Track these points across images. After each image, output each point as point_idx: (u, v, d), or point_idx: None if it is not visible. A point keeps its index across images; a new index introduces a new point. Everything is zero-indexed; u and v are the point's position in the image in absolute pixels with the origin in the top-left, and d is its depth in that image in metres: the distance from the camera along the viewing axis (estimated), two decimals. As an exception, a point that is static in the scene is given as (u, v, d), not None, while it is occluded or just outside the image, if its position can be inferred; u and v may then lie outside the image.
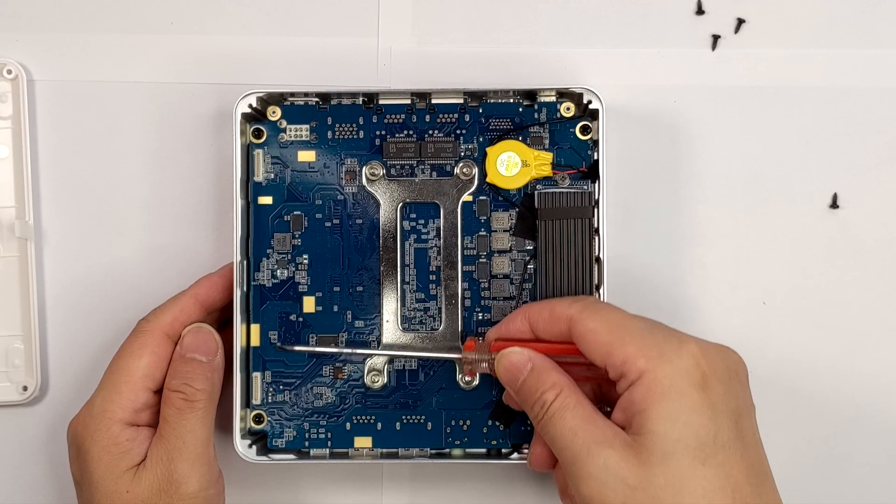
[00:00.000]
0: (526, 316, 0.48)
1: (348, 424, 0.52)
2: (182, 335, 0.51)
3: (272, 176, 0.52)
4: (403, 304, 0.52)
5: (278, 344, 0.52)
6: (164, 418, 0.49)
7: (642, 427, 0.43)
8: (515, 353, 0.47)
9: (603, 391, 0.49)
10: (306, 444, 0.52)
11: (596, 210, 0.51)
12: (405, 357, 0.52)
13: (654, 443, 0.42)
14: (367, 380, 0.52)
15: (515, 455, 0.52)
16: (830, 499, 0.55)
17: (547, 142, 0.52)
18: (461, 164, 0.52)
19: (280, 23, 0.55)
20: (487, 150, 0.52)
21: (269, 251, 0.52)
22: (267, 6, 0.56)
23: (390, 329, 0.52)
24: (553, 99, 0.52)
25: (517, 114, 0.52)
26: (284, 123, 0.53)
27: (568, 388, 0.45)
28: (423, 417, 0.52)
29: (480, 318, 0.52)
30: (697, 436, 0.42)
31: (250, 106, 0.52)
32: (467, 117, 0.52)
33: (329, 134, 0.52)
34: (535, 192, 0.52)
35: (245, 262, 0.52)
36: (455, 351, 0.50)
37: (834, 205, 0.55)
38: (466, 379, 0.52)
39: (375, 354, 0.52)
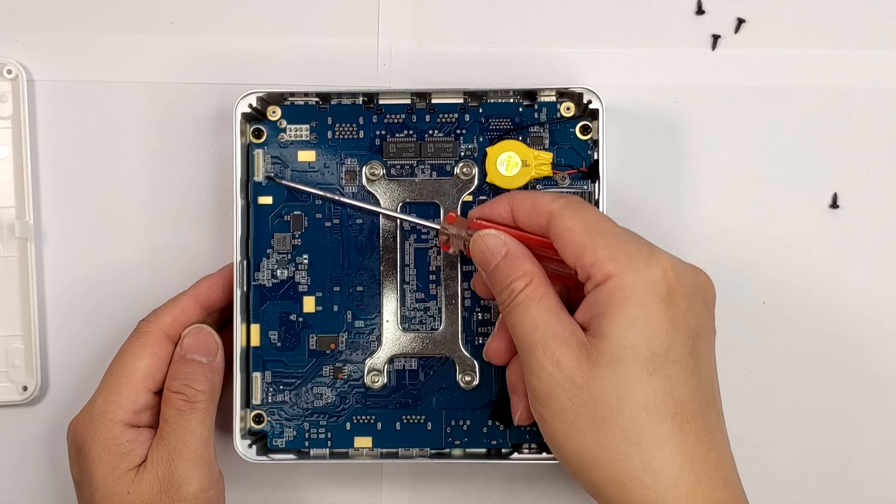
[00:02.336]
0: (510, 203, 0.48)
1: (348, 424, 0.52)
2: (182, 336, 0.51)
3: (272, 176, 0.52)
4: (403, 304, 0.52)
5: (268, 176, 0.51)
6: (165, 419, 0.49)
7: (598, 329, 0.43)
8: (492, 235, 0.47)
9: (571, 294, 0.48)
10: (306, 444, 0.52)
11: (596, 210, 0.51)
12: (387, 215, 0.51)
13: (606, 346, 0.43)
14: (367, 380, 0.52)
15: (515, 455, 0.52)
16: (831, 497, 0.55)
17: (547, 142, 0.52)
18: (461, 164, 0.52)
19: (280, 23, 0.55)
20: (487, 149, 0.52)
21: (269, 251, 0.52)
22: (267, 6, 0.56)
23: (390, 329, 0.52)
24: (553, 99, 0.52)
25: (517, 114, 0.52)
26: (284, 123, 0.53)
27: (538, 279, 0.45)
28: (423, 417, 0.52)
29: (480, 317, 0.52)
30: (650, 346, 0.43)
31: (250, 106, 0.52)
32: (467, 117, 0.52)
33: (329, 134, 0.52)
34: (536, 192, 0.52)
35: (245, 262, 0.52)
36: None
37: (834, 205, 0.55)
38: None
39: (355, 205, 0.51)
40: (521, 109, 0.52)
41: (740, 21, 0.55)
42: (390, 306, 0.52)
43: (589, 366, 0.43)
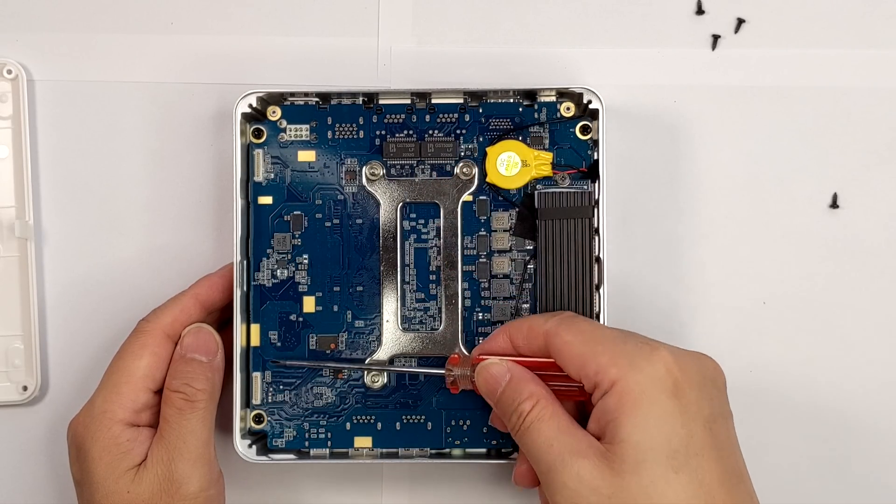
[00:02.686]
0: (507, 333, 0.48)
1: (348, 424, 0.52)
2: (182, 335, 0.51)
3: (272, 176, 0.52)
4: (403, 304, 0.52)
5: (273, 360, 0.52)
6: (165, 418, 0.49)
7: (615, 436, 0.43)
8: (494, 364, 0.47)
9: (586, 408, 0.48)
10: (306, 444, 0.52)
11: (596, 210, 0.51)
12: (391, 371, 0.52)
13: (626, 451, 0.42)
14: (367, 380, 0.52)
15: (515, 455, 0.52)
16: (830, 498, 0.55)
17: (547, 142, 0.52)
18: (461, 164, 0.52)
19: (280, 23, 0.55)
20: (487, 149, 0.52)
21: (269, 251, 0.52)
22: (267, 6, 0.56)
23: (390, 329, 0.52)
24: (553, 99, 0.52)
25: (517, 114, 0.52)
26: (284, 123, 0.53)
27: (545, 399, 0.45)
28: (423, 417, 0.52)
29: (480, 317, 0.52)
30: (670, 443, 0.42)
31: (250, 106, 0.52)
32: (467, 117, 0.52)
33: (329, 134, 0.52)
34: (535, 192, 0.52)
35: (245, 262, 0.52)
36: (442, 367, 0.50)
37: (834, 205, 0.55)
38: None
39: (363, 368, 0.52)
40: (521, 109, 0.52)
41: (740, 21, 0.55)
42: (390, 306, 0.52)
43: (612, 475, 0.42)
